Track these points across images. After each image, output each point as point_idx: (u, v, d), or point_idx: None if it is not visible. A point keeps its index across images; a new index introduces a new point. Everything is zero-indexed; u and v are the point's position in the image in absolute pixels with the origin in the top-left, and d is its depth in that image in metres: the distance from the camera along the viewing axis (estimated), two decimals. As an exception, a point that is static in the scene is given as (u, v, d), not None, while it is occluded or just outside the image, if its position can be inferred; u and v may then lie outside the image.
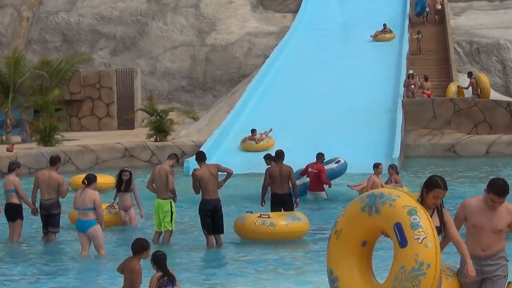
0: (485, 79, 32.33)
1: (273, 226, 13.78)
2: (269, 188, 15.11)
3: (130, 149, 27.58)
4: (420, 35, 38.78)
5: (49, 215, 14.33)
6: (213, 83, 41.75)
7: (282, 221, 13.92)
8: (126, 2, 45.37)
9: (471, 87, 31.88)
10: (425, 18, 42.29)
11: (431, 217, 7.10)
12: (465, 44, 40.02)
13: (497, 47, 39.72)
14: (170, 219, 13.96)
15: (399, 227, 6.76)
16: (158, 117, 29.74)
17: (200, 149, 20.57)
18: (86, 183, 12.84)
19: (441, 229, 7.21)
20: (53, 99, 30.40)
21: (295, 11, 44.93)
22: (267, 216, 13.98)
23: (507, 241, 7.59)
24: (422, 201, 7.24)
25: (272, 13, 46.51)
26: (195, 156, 14.23)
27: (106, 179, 20.60)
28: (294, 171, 15.29)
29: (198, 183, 13.48)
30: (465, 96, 31.82)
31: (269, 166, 15.51)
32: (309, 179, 19.05)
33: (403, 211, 6.80)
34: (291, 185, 15.02)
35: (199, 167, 13.66)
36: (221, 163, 14.94)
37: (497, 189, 7.28)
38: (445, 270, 7.36)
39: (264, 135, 27.41)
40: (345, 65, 35.27)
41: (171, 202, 14.00)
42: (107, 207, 15.64)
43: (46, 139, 28.62)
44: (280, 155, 15.14)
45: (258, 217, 13.94)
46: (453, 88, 32.33)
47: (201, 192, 13.58)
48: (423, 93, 32.26)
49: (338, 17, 43.40)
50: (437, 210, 7.27)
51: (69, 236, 14.76)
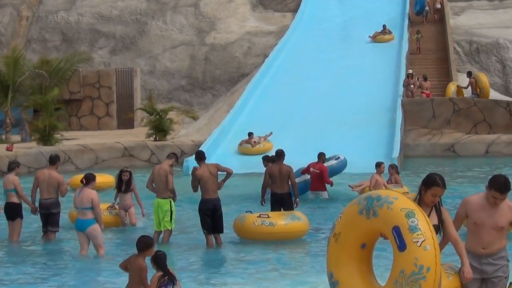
0: (484, 78, 32.31)
1: (272, 226, 13.77)
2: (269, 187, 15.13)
3: (129, 148, 27.58)
4: (419, 35, 38.76)
5: (49, 214, 14.35)
6: (212, 83, 41.74)
7: (281, 221, 13.91)
8: (125, 1, 45.36)
9: (470, 87, 31.89)
10: (424, 17, 42.28)
11: (429, 215, 7.08)
12: (464, 43, 40.00)
13: (496, 47, 39.71)
14: (169, 218, 13.95)
15: (397, 231, 6.71)
16: (157, 117, 29.73)
17: (199, 149, 20.59)
18: (84, 182, 12.84)
19: (439, 227, 7.18)
20: (52, 99, 30.39)
21: (295, 11, 44.93)
22: (267, 216, 13.97)
23: (508, 241, 7.55)
24: (420, 199, 7.22)
25: (271, 13, 46.50)
26: (194, 155, 14.23)
27: (105, 178, 20.61)
28: (294, 171, 15.30)
29: (197, 182, 13.49)
30: (465, 95, 31.81)
31: (269, 166, 15.51)
32: (309, 176, 19.06)
33: (401, 214, 6.74)
34: (291, 185, 15.02)
35: (199, 167, 13.68)
36: (220, 163, 14.93)
37: (498, 185, 7.24)
38: (446, 269, 7.33)
39: (262, 139, 27.04)
40: (345, 65, 35.26)
41: (170, 201, 13.99)
42: (107, 207, 15.63)
43: (45, 138, 28.62)
44: (280, 154, 15.14)
45: (257, 217, 13.93)
46: (452, 87, 32.32)
47: (200, 191, 13.59)
48: (422, 92, 32.27)
49: (337, 17, 43.37)
50: (435, 208, 7.24)
51: (68, 235, 14.75)
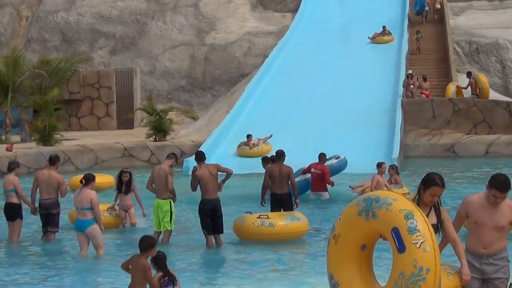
0: (484, 79, 32.30)
1: (272, 226, 13.76)
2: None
3: (129, 148, 27.57)
4: (419, 35, 38.74)
5: (48, 214, 14.36)
6: (212, 83, 41.73)
7: (281, 222, 13.90)
8: (125, 1, 45.35)
9: (470, 87, 31.89)
10: (424, 17, 42.28)
11: (428, 215, 7.06)
12: (464, 44, 40.00)
13: (496, 47, 39.71)
14: (169, 219, 13.95)
15: (396, 232, 6.69)
16: (157, 117, 29.71)
17: (199, 149, 20.58)
18: (84, 182, 12.83)
19: (438, 227, 7.16)
20: (52, 99, 30.37)
21: (295, 11, 44.92)
22: (266, 216, 13.96)
23: (508, 241, 7.53)
24: (419, 198, 7.20)
25: (271, 13, 46.49)
26: (194, 156, 14.23)
27: (105, 179, 20.61)
28: (294, 171, 15.30)
29: (196, 182, 13.50)
30: (464, 96, 31.81)
31: (269, 166, 15.51)
32: (309, 175, 19.05)
33: (400, 215, 6.72)
34: (291, 186, 15.02)
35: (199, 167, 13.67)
36: (220, 163, 14.92)
37: (498, 184, 7.23)
38: (446, 268, 7.32)
39: (261, 141, 26.77)
40: (345, 65, 35.24)
41: (170, 202, 13.99)
42: (107, 208, 15.61)
43: (45, 138, 28.61)
44: (280, 155, 15.14)
45: (257, 217, 13.92)
46: (452, 88, 32.32)
47: (200, 192, 13.59)
48: (421, 93, 32.26)
49: (337, 17, 43.35)
50: (435, 208, 7.23)
51: (68, 236, 14.75)
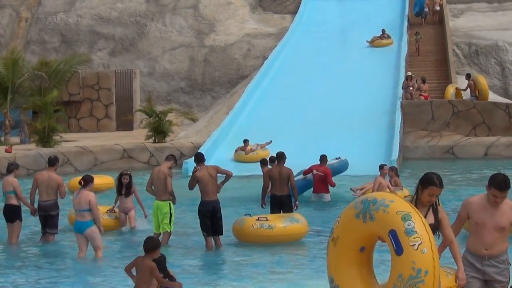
0: (483, 81, 32.30)
1: (271, 228, 13.74)
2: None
3: (128, 150, 27.58)
4: (419, 36, 38.73)
5: (48, 216, 14.35)
6: (212, 85, 41.74)
7: (280, 223, 13.88)
8: (125, 3, 45.36)
9: (469, 89, 31.90)
10: (423, 19, 42.30)
11: (426, 215, 7.06)
12: (463, 45, 40.03)
13: (495, 49, 39.73)
14: (169, 220, 13.93)
15: (393, 235, 6.67)
16: (156, 118, 29.72)
17: (198, 151, 20.57)
18: (82, 184, 12.83)
19: (436, 227, 7.14)
20: (52, 100, 30.37)
21: (294, 13, 44.95)
22: (265, 218, 13.95)
23: (510, 243, 7.51)
24: (417, 198, 7.19)
25: (271, 14, 46.50)
26: (194, 157, 14.22)
27: (104, 180, 20.62)
28: (294, 173, 15.29)
29: (195, 183, 13.51)
30: (463, 98, 31.82)
31: (267, 168, 15.51)
32: (310, 176, 19.05)
33: (397, 217, 6.71)
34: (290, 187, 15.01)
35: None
36: (219, 165, 14.90)
37: (498, 183, 7.24)
38: (445, 268, 7.31)
39: (259, 147, 26.39)
40: (344, 67, 35.27)
41: (170, 203, 13.97)
42: (107, 211, 15.57)
43: (44, 140, 28.61)
44: (280, 156, 15.12)
45: (256, 220, 13.91)
46: (451, 90, 32.33)
47: (200, 193, 13.59)
48: (420, 95, 32.28)
49: (336, 19, 43.37)
50: (433, 208, 7.21)
51: (68, 237, 14.74)
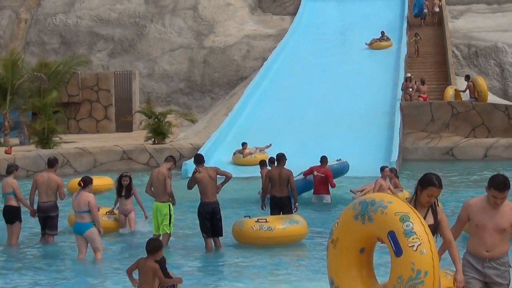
0: (482, 82, 32.28)
1: (270, 230, 13.72)
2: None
3: (128, 151, 27.57)
4: (418, 37, 38.73)
5: (47, 217, 14.35)
6: (211, 86, 41.75)
7: (279, 225, 13.87)
8: (124, 4, 45.37)
9: (468, 90, 31.90)
10: (423, 20, 42.32)
11: (425, 215, 7.06)
12: (463, 47, 40.04)
13: (495, 50, 39.75)
14: (168, 222, 13.93)
15: (392, 236, 6.66)
16: (156, 120, 29.72)
17: (198, 152, 20.58)
18: (82, 185, 12.83)
19: (436, 228, 7.13)
20: (51, 101, 30.38)
21: (293, 14, 44.98)
22: (265, 220, 13.94)
23: (510, 245, 7.49)
24: (416, 199, 7.18)
25: (270, 16, 46.51)
26: (193, 159, 14.22)
27: (103, 181, 20.61)
28: (294, 175, 15.28)
29: (194, 183, 13.52)
30: (462, 99, 31.82)
31: (269, 169, 15.50)
32: (308, 176, 19.05)
33: (396, 218, 6.70)
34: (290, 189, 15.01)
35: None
36: (219, 166, 14.91)
37: (497, 184, 7.22)
38: (445, 270, 7.31)
39: (258, 150, 26.12)
40: (344, 69, 35.28)
41: (169, 205, 13.97)
42: (106, 212, 15.56)
43: (44, 141, 28.62)
44: (280, 158, 15.11)
45: (255, 221, 13.90)
46: (450, 91, 32.31)
47: (200, 195, 13.59)
48: (419, 96, 32.28)
49: (336, 20, 43.39)
50: (432, 208, 7.21)
51: (67, 238, 14.73)
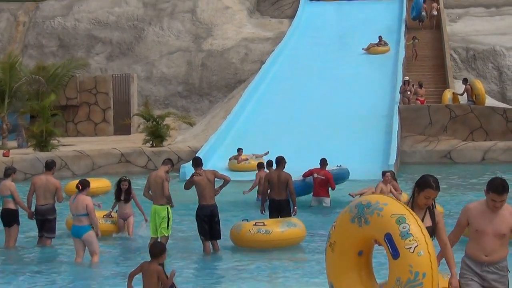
0: (480, 85, 32.32)
1: (268, 233, 13.71)
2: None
3: (126, 154, 27.55)
4: (416, 40, 38.73)
5: (45, 220, 14.33)
6: (209, 89, 41.74)
7: (277, 228, 13.84)
8: (122, 7, 45.38)
9: (466, 94, 31.94)
10: (421, 23, 42.35)
11: (423, 217, 7.04)
12: (461, 50, 40.06)
13: (493, 54, 39.77)
14: (166, 225, 13.91)
15: (389, 238, 6.62)
16: (154, 123, 29.70)
17: (196, 155, 20.59)
18: (80, 188, 12.81)
19: (434, 230, 7.11)
20: (49, 104, 30.33)
21: (292, 17, 45.00)
22: (262, 223, 13.92)
23: (509, 250, 7.46)
24: (413, 201, 7.17)
25: (268, 19, 46.54)
26: (191, 161, 14.21)
27: (101, 183, 20.59)
28: (293, 178, 15.27)
29: (191, 185, 13.53)
30: (460, 102, 31.84)
31: (267, 171, 15.50)
32: (307, 178, 19.04)
33: (392, 220, 6.66)
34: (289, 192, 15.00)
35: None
36: (217, 170, 14.91)
37: (495, 187, 7.18)
38: (443, 274, 7.30)
39: (254, 157, 25.61)
40: (342, 72, 35.28)
41: (167, 208, 13.95)
42: (103, 216, 15.50)
43: (42, 144, 28.58)
44: (279, 161, 15.11)
45: (253, 225, 13.88)
46: (448, 94, 32.35)
47: (198, 198, 13.58)
48: (417, 99, 32.27)
49: (334, 24, 43.43)
50: (429, 210, 7.19)
51: (65, 242, 14.72)
